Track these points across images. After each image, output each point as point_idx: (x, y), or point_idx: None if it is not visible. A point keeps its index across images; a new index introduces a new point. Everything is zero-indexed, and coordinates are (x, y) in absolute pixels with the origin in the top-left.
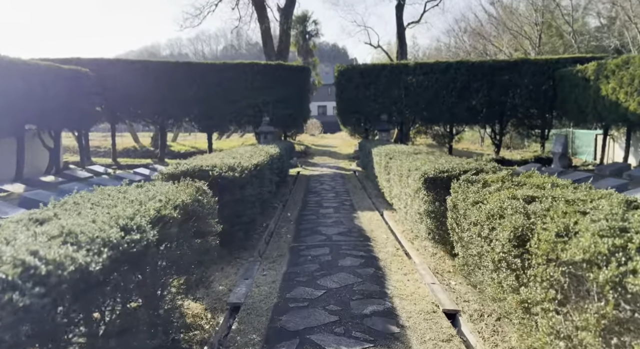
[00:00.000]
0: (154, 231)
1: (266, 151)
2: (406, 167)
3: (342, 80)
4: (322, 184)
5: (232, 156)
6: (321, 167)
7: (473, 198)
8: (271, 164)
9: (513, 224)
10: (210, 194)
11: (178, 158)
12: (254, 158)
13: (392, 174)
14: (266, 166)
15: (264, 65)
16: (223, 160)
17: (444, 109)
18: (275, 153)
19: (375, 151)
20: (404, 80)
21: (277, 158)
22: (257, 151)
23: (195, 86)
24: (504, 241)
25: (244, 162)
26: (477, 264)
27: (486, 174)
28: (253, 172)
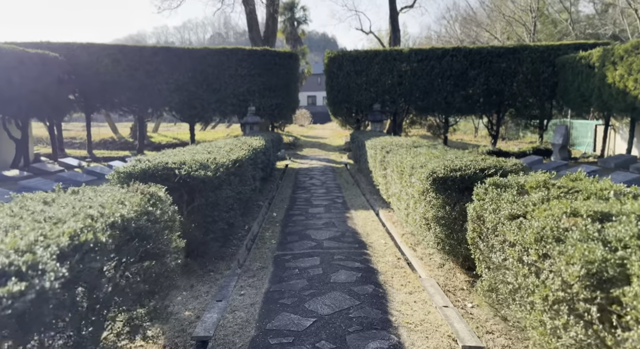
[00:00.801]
0: (63, 268)
1: (249, 143)
2: (408, 163)
3: (333, 68)
4: (312, 179)
5: (207, 150)
6: (311, 160)
7: (509, 210)
8: (254, 158)
9: (586, 257)
10: (170, 201)
11: (158, 150)
12: (233, 152)
13: (389, 170)
14: (248, 161)
15: (249, 51)
16: (195, 156)
17: (439, 98)
18: (259, 146)
19: (369, 144)
20: (398, 67)
21: (262, 151)
22: (238, 144)
23: (176, 73)
24: (570, 278)
25: (220, 158)
26: (512, 295)
27: (516, 176)
28: (231, 170)
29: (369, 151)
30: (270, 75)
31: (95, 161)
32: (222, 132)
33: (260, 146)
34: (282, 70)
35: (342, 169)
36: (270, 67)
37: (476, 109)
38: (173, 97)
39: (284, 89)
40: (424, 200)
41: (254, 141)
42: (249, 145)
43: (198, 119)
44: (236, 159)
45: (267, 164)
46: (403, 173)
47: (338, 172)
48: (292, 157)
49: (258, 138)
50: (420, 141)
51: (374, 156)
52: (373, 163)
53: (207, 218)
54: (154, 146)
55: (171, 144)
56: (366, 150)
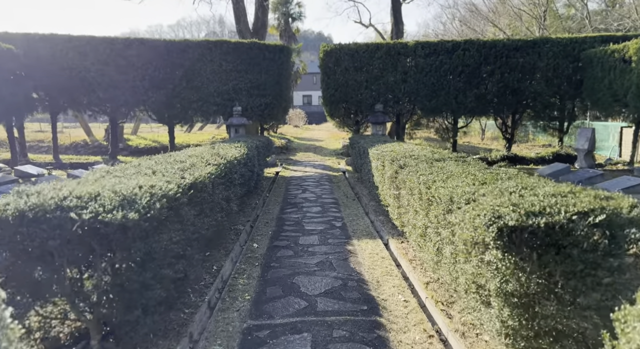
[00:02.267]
0: None
1: (223, 154)
2: (443, 193)
3: (329, 63)
4: (305, 192)
5: (153, 169)
6: (305, 167)
7: None
8: (228, 175)
9: None
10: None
11: (135, 155)
12: (193, 170)
13: (404, 192)
14: (216, 180)
15: (235, 43)
16: (117, 186)
17: (449, 97)
18: (239, 156)
19: (373, 153)
20: (403, 63)
21: (243, 162)
22: (206, 156)
23: (151, 68)
24: None
25: (161, 184)
26: None
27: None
28: (181, 201)
29: (373, 161)
30: (258, 72)
31: (60, 168)
32: (209, 134)
33: (240, 156)
34: (272, 66)
35: (340, 179)
36: (259, 62)
37: (490, 110)
38: (149, 96)
39: (274, 86)
40: (478, 257)
41: (232, 149)
42: (223, 156)
43: (178, 120)
44: (193, 182)
45: (251, 176)
46: (432, 203)
47: (335, 182)
48: (284, 163)
49: (239, 145)
50: (444, 153)
51: (382, 170)
52: (380, 178)
53: (132, 284)
54: (131, 150)
55: (150, 148)
56: (370, 160)
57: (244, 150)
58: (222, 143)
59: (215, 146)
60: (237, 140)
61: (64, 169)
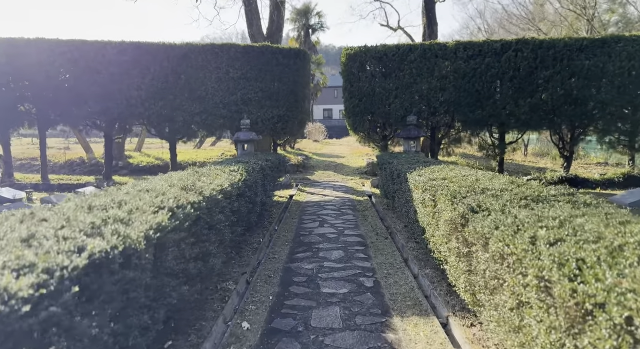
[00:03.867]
0: None
1: (201, 187)
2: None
3: (353, 69)
4: (323, 225)
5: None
6: (324, 189)
7: None
8: (204, 219)
9: None
10: None
11: (136, 174)
12: (130, 224)
13: (486, 256)
14: (169, 238)
15: (244, 48)
16: None
17: (497, 107)
18: (228, 187)
19: (416, 181)
20: (441, 67)
21: (238, 195)
22: (171, 192)
23: (149, 77)
24: None
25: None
26: None
27: None
28: (92, 288)
29: (417, 192)
30: (271, 79)
31: (48, 191)
32: (220, 150)
33: (232, 187)
34: (287, 73)
35: (365, 206)
36: (272, 68)
37: (548, 122)
38: (146, 108)
39: (289, 96)
40: None
41: (220, 178)
42: (199, 190)
43: (180, 135)
44: (92, 261)
45: (252, 209)
46: (587, 320)
47: (361, 210)
48: (300, 183)
49: (237, 168)
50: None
51: (432, 207)
52: (429, 218)
53: None
54: (131, 169)
55: (152, 167)
56: (410, 188)
57: (241, 176)
58: (214, 166)
59: (201, 171)
60: (237, 162)
61: (51, 191)
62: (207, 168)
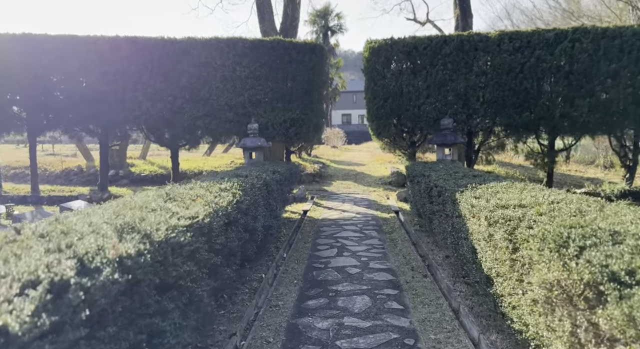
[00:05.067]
0: None
1: (149, 226)
2: None
3: (377, 64)
4: (342, 253)
5: None
6: (342, 203)
7: None
8: (155, 276)
9: None
10: None
11: (136, 184)
12: None
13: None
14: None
15: (253, 42)
16: None
17: (549, 107)
18: (205, 218)
19: (475, 208)
20: (480, 61)
21: (225, 223)
22: (89, 243)
23: (145, 76)
24: None
25: None
26: None
27: None
28: None
29: (476, 224)
30: (283, 78)
31: (35, 203)
32: (229, 157)
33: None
34: (301, 70)
35: (393, 225)
36: (284, 65)
37: (609, 126)
38: (142, 111)
39: (303, 97)
40: None
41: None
42: (146, 233)
43: (183, 142)
44: None
45: (248, 239)
46: None
47: (387, 231)
48: (316, 195)
49: (231, 185)
50: None
51: (508, 252)
52: (505, 269)
53: None
54: (132, 178)
55: (155, 176)
56: (461, 215)
57: (232, 197)
58: (200, 183)
59: (174, 191)
60: (234, 175)
61: (39, 203)
62: (188, 186)
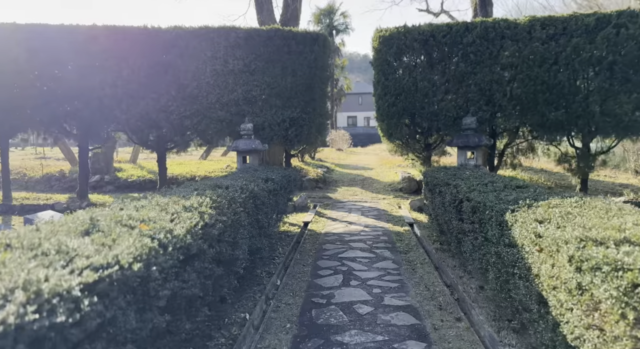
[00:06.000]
0: None
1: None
2: None
3: (388, 56)
4: (349, 281)
5: None
6: (348, 213)
7: None
8: None
9: None
10: None
11: (122, 191)
12: None
13: None
14: None
15: (247, 32)
16: None
17: (588, 104)
18: (130, 264)
19: (547, 239)
20: (508, 51)
21: (176, 263)
22: None
23: (126, 70)
24: None
25: None
26: None
27: None
28: None
29: (547, 261)
30: (281, 72)
31: (4, 213)
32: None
33: (177, 240)
34: (301, 63)
35: (408, 241)
36: (282, 58)
37: None
38: (123, 110)
39: (304, 93)
40: None
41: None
42: None
43: (171, 144)
44: None
45: (220, 275)
46: None
47: (402, 251)
48: (319, 204)
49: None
50: None
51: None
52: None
53: None
54: (118, 184)
55: (143, 182)
56: (517, 244)
57: (198, 218)
58: (160, 198)
59: (110, 214)
60: (212, 186)
61: (9, 213)
62: (140, 203)
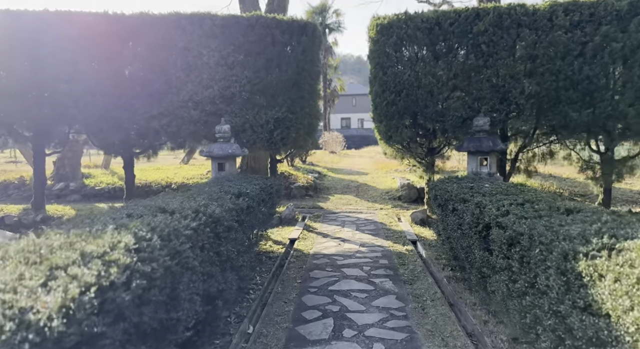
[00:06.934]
0: None
1: None
2: None
3: (386, 47)
4: (341, 330)
5: None
6: (341, 227)
7: None
8: None
9: None
10: None
11: (88, 200)
12: None
13: None
14: None
15: (225, 19)
16: None
17: (619, 102)
18: None
19: None
20: (526, 41)
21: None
22: None
23: (84, 63)
24: None
25: None
26: None
27: None
28: None
29: None
30: (264, 65)
31: None
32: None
33: None
34: (287, 56)
35: (413, 266)
36: (265, 49)
37: None
38: (80, 109)
39: (290, 90)
40: None
41: None
42: None
43: (139, 149)
44: None
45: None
46: None
47: (407, 280)
48: (308, 215)
49: (116, 240)
50: None
51: None
52: None
53: None
54: (86, 193)
55: (111, 190)
56: (614, 324)
57: (95, 278)
58: (52, 237)
59: None
60: (150, 211)
61: None
62: (8, 249)
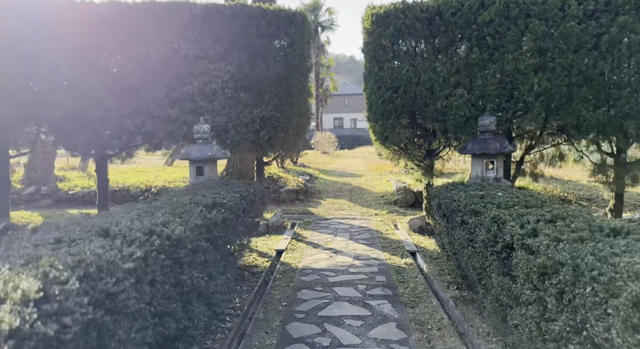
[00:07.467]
0: None
1: None
2: None
3: (382, 39)
4: None
5: None
6: (334, 235)
7: None
8: None
9: None
10: None
11: (60, 206)
12: None
13: None
14: None
15: (206, 8)
16: None
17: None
18: None
19: None
20: (535, 33)
21: None
22: None
23: (47, 54)
24: None
25: None
26: None
27: None
28: None
29: None
30: (249, 59)
31: None
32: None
33: None
34: (274, 49)
35: (414, 284)
36: (250, 41)
37: None
38: (44, 106)
39: (277, 86)
40: None
41: None
42: None
43: (112, 150)
44: None
45: None
46: None
47: (408, 302)
48: (298, 222)
49: None
50: None
51: None
52: None
53: None
54: (58, 197)
55: (86, 195)
56: None
57: None
58: None
59: None
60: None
61: None
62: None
